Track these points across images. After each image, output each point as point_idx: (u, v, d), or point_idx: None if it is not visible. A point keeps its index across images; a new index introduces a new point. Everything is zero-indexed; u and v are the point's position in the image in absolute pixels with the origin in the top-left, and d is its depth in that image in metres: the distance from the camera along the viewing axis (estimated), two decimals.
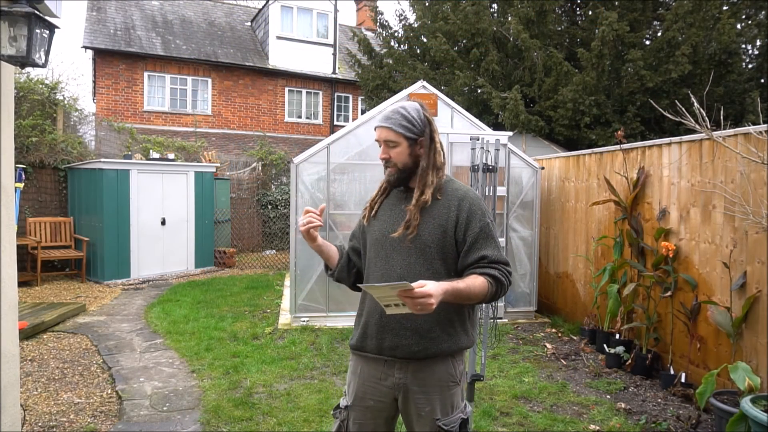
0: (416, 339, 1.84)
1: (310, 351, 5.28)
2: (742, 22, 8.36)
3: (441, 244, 1.85)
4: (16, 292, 2.83)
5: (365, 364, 1.95)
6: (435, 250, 1.85)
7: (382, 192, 2.00)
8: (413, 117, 1.89)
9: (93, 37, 12.91)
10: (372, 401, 1.93)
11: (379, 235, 1.93)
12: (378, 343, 1.88)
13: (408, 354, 1.85)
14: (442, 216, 1.86)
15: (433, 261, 1.84)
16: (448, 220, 1.86)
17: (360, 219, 2.07)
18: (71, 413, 3.87)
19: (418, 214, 1.86)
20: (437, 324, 1.85)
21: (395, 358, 1.87)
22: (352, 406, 1.96)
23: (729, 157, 4.09)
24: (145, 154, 11.12)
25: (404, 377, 1.88)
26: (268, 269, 10.52)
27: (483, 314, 3.60)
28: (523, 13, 8.59)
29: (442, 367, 1.89)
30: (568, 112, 8.14)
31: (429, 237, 1.85)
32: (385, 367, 1.90)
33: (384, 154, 1.89)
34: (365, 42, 11.92)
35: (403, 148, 1.88)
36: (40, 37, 2.58)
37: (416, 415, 1.89)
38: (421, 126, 1.90)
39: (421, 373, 1.87)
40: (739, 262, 4.00)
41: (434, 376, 1.88)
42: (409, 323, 1.83)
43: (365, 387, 1.93)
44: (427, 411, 1.87)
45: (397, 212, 1.93)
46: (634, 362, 4.78)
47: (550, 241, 6.91)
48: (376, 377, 1.92)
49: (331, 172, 6.25)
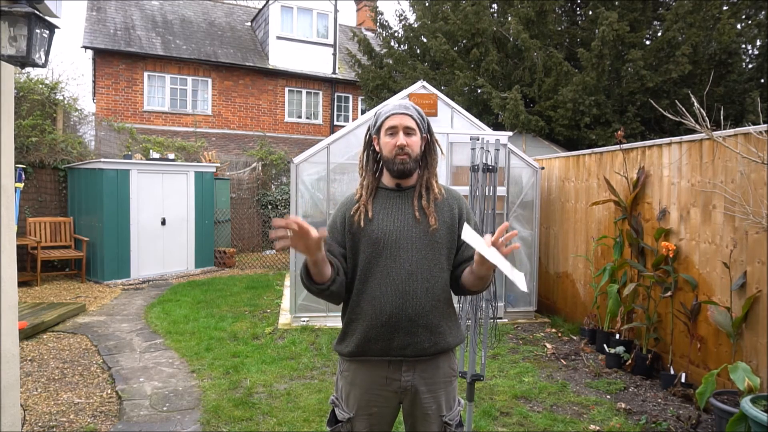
0: (427, 335, 1.85)
1: (310, 351, 5.28)
2: (742, 22, 8.36)
3: (449, 240, 1.90)
4: (16, 292, 2.83)
5: (366, 371, 1.90)
6: (444, 247, 1.89)
7: (369, 193, 1.94)
8: (422, 113, 1.96)
9: (93, 37, 12.91)
10: (377, 408, 1.90)
11: (380, 234, 1.87)
12: (385, 344, 1.84)
13: (418, 351, 1.85)
14: (447, 214, 1.92)
15: (440, 257, 1.88)
16: (452, 218, 1.92)
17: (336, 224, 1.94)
18: (71, 413, 3.87)
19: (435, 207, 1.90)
20: (444, 318, 1.89)
21: (404, 358, 1.86)
22: (355, 417, 1.90)
23: (729, 157, 4.09)
24: (145, 154, 11.11)
25: (412, 378, 1.87)
26: (268, 269, 10.52)
27: (483, 314, 3.59)
28: (523, 13, 8.59)
29: (446, 362, 1.93)
30: (568, 112, 8.14)
31: (439, 234, 1.89)
32: (390, 370, 1.87)
33: (402, 141, 1.85)
34: (365, 42, 11.92)
35: (418, 138, 1.90)
36: (40, 37, 2.58)
37: (422, 415, 1.89)
38: (426, 124, 1.96)
39: (428, 372, 1.89)
40: (739, 262, 4.00)
41: (439, 372, 1.90)
42: (422, 320, 1.84)
43: (369, 396, 1.89)
44: (433, 409, 1.89)
45: (400, 209, 1.90)
46: (634, 362, 4.78)
47: (550, 241, 6.91)
48: (379, 384, 1.89)
49: (331, 172, 6.25)
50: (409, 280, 1.83)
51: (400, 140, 1.85)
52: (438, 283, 1.87)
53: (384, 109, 1.94)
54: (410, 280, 1.83)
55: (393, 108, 1.90)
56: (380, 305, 1.83)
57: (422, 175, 1.94)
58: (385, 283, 1.83)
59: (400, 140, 1.85)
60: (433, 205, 1.89)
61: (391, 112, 1.89)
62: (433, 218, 1.87)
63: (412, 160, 1.87)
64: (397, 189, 1.94)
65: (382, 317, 1.83)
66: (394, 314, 1.82)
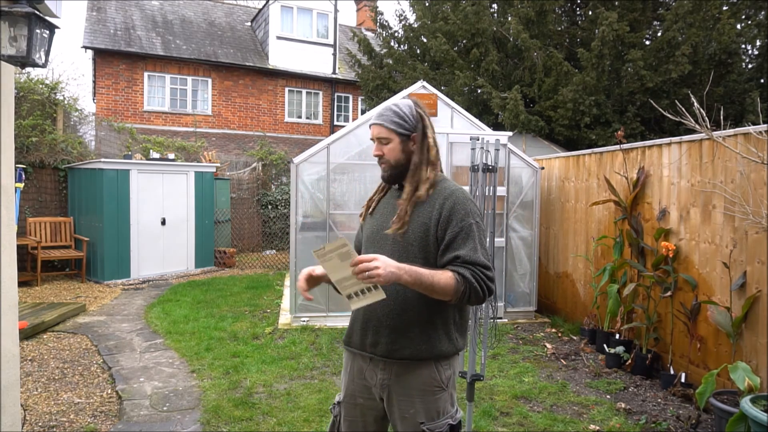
0: (393, 337, 1.83)
1: (310, 351, 5.28)
2: (742, 22, 8.36)
3: (423, 242, 1.82)
4: (16, 292, 2.83)
5: (353, 360, 1.98)
6: (417, 249, 1.81)
7: (380, 190, 2.04)
8: (405, 113, 1.89)
9: (93, 37, 12.91)
10: (361, 399, 1.95)
11: (370, 233, 1.96)
12: (361, 339, 1.91)
13: (386, 352, 1.84)
14: (425, 214, 1.83)
15: (414, 260, 1.77)
16: (431, 218, 1.82)
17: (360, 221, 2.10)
18: (71, 413, 3.87)
19: (409, 209, 1.84)
20: (416, 324, 1.82)
21: (376, 356, 1.88)
22: (343, 402, 1.99)
23: (729, 157, 4.10)
24: (145, 154, 11.12)
25: (387, 378, 1.87)
26: (268, 269, 10.52)
27: (483, 314, 3.60)
28: (523, 13, 8.59)
29: (426, 371, 1.84)
30: (568, 112, 8.15)
31: (412, 235, 1.82)
32: (370, 365, 1.91)
33: (377, 151, 1.91)
34: (365, 42, 11.92)
35: (395, 144, 1.89)
36: (40, 37, 2.58)
37: (400, 417, 1.87)
38: (413, 122, 1.90)
39: (403, 376, 1.85)
40: (739, 262, 4.00)
41: (417, 380, 1.84)
42: (388, 321, 1.83)
43: (354, 384, 1.96)
44: (410, 413, 1.84)
45: (390, 209, 1.94)
46: (634, 362, 4.78)
47: (549, 241, 6.92)
48: (361, 375, 1.94)
49: (331, 172, 6.25)
50: None
51: (374, 151, 1.93)
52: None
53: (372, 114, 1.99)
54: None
55: (372, 117, 1.96)
56: None
57: (417, 171, 1.90)
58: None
59: (375, 150, 1.93)
60: (408, 205, 1.84)
61: (371, 122, 1.95)
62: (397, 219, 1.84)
63: (390, 167, 1.91)
64: (399, 187, 1.96)
65: (360, 312, 1.90)
66: (366, 312, 1.86)
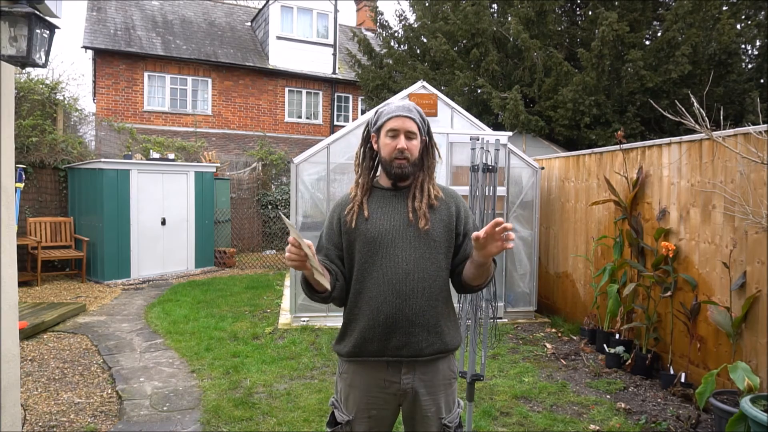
0: (425, 335, 1.83)
1: (310, 351, 5.28)
2: (742, 22, 8.36)
3: (447, 237, 1.90)
4: (16, 292, 2.83)
5: (364, 372, 1.88)
6: (442, 245, 1.88)
7: (365, 192, 1.94)
8: (424, 116, 1.94)
9: (93, 37, 12.91)
10: (376, 410, 1.88)
11: (376, 234, 1.86)
12: (382, 344, 1.82)
13: (415, 352, 1.83)
14: (444, 213, 1.91)
15: (438, 256, 1.87)
16: (450, 217, 1.91)
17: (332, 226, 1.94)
18: (71, 413, 3.88)
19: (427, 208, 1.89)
20: (442, 318, 1.88)
21: (401, 358, 1.84)
22: (354, 419, 1.88)
23: (729, 157, 4.10)
24: (145, 154, 11.12)
25: (411, 380, 1.85)
26: (268, 269, 10.52)
27: (483, 314, 3.60)
28: (523, 13, 8.59)
29: (445, 364, 1.92)
30: (568, 112, 8.14)
31: (436, 233, 1.87)
32: (389, 372, 1.85)
33: (403, 144, 1.84)
34: (365, 42, 11.92)
35: (418, 142, 1.89)
36: (41, 37, 2.58)
37: (421, 418, 1.88)
38: (427, 126, 1.95)
39: (427, 374, 1.87)
40: (738, 262, 4.00)
41: (439, 375, 1.89)
42: (420, 319, 1.82)
43: (368, 398, 1.87)
44: (432, 412, 1.87)
45: (395, 209, 1.90)
46: (634, 362, 4.78)
47: (549, 241, 6.92)
48: (379, 386, 1.87)
49: (331, 172, 6.25)
50: (406, 279, 1.81)
51: (401, 143, 1.83)
52: (436, 282, 1.85)
53: (387, 108, 1.90)
54: (407, 280, 1.81)
55: (396, 109, 1.87)
56: (377, 305, 1.82)
57: (417, 176, 1.92)
58: (382, 283, 1.81)
59: (401, 143, 1.83)
60: (425, 206, 1.87)
61: (395, 113, 1.86)
62: (423, 220, 1.85)
63: (410, 165, 1.87)
64: (392, 189, 1.93)
65: (380, 317, 1.81)
66: (391, 314, 1.80)
